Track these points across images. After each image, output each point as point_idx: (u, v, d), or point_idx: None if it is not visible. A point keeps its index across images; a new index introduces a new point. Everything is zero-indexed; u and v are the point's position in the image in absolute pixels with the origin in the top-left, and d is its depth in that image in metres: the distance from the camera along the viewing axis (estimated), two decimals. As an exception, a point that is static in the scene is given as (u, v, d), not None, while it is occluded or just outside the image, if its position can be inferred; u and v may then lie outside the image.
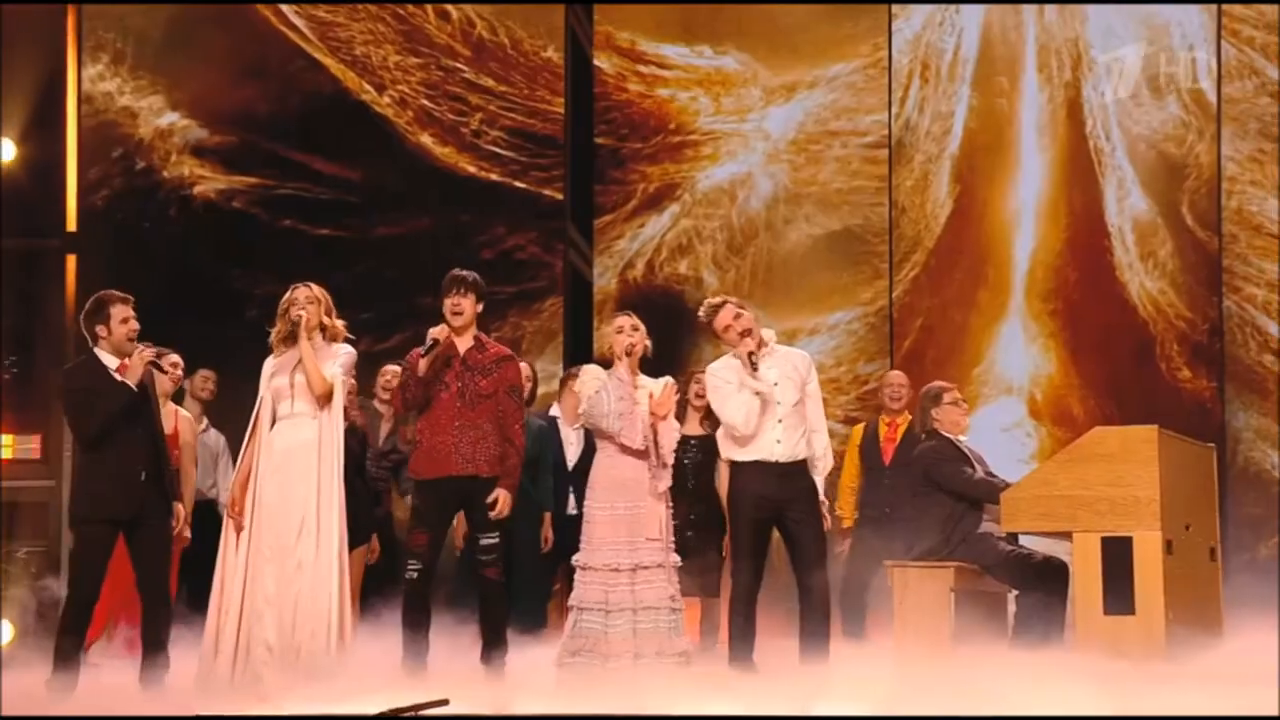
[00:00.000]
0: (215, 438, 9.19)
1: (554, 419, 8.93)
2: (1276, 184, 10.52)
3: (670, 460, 7.07)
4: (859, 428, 9.41)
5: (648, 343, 7.16)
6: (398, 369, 8.77)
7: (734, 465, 7.16)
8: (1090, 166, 10.75)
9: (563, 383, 9.01)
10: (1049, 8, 10.84)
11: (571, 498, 8.69)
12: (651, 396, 6.99)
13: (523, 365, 7.96)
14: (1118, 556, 6.92)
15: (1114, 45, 10.75)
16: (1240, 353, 10.48)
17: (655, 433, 6.96)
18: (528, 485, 8.28)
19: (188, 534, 8.05)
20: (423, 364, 7.06)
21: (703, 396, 8.16)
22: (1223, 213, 10.56)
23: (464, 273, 7.24)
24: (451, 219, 10.90)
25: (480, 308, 7.22)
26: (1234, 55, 10.59)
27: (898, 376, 9.38)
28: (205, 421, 9.16)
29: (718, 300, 7.25)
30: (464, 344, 7.17)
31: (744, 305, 7.20)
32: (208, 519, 8.52)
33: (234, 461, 8.89)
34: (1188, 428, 8.62)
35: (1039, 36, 10.85)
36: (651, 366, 7.31)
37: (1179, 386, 10.52)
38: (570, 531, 8.67)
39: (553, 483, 8.72)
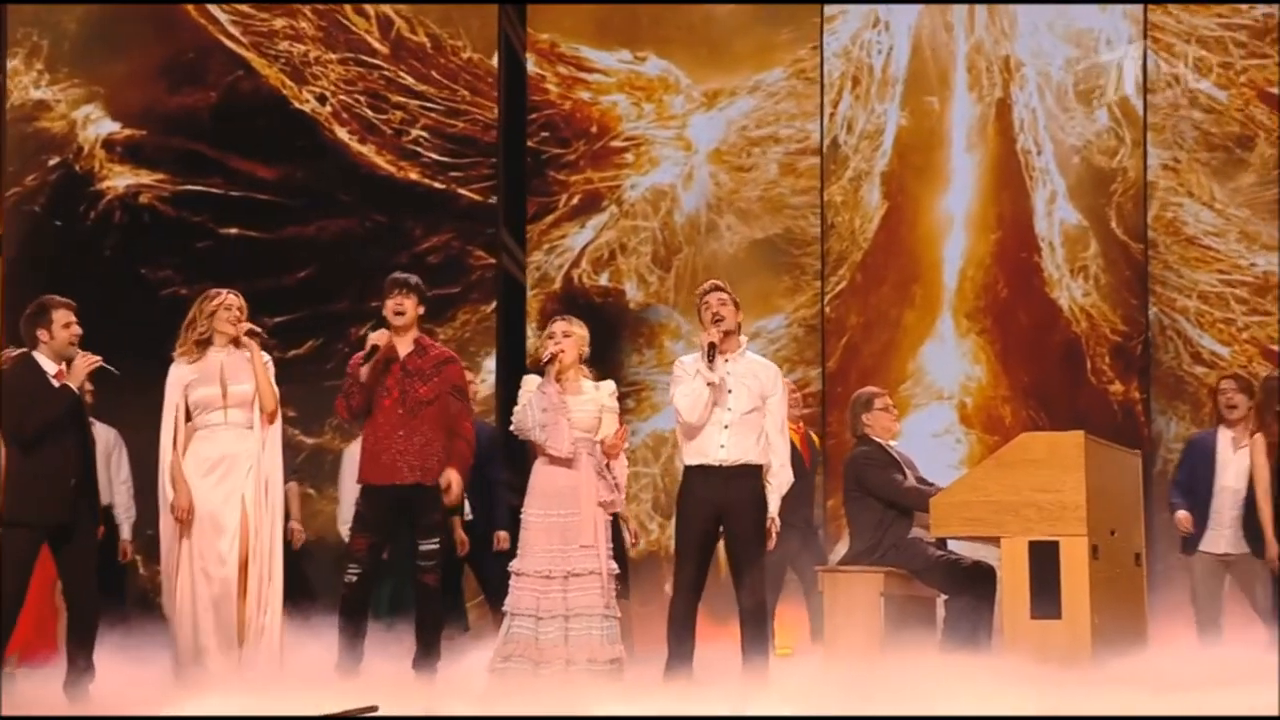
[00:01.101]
0: (105, 431, 8.99)
1: None
2: (1203, 193, 10.65)
3: (623, 485, 7.10)
4: None
5: (584, 349, 7.14)
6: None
7: (685, 471, 7.17)
8: (1019, 176, 10.85)
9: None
10: (979, 19, 10.93)
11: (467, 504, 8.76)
12: (604, 441, 7.00)
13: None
14: (1045, 561, 6.97)
15: (1044, 56, 10.85)
16: (1167, 360, 10.60)
17: (608, 462, 6.99)
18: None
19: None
20: (364, 370, 7.04)
21: None
22: (1149, 222, 10.67)
23: (405, 275, 7.27)
24: (382, 223, 10.85)
25: (421, 310, 7.22)
26: (1160, 66, 10.71)
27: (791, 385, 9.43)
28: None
29: (708, 285, 7.17)
30: (404, 347, 7.17)
31: (731, 297, 7.10)
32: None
33: (127, 461, 8.89)
34: (1115, 434, 8.72)
35: (969, 45, 10.94)
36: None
37: (1106, 394, 10.63)
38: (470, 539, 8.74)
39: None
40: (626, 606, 8.57)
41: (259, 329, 7.21)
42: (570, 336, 7.10)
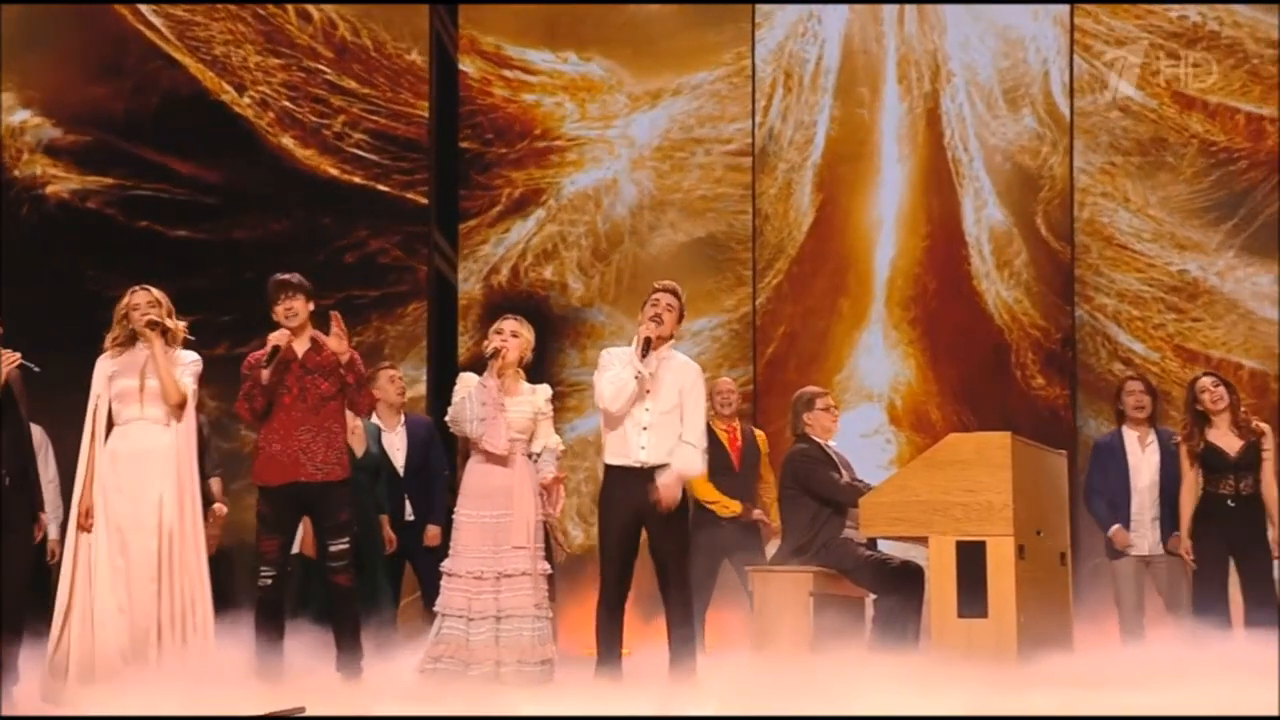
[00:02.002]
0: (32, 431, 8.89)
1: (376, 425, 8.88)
2: (1126, 196, 10.76)
3: (559, 509, 7.15)
4: None
5: (528, 353, 7.14)
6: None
7: (606, 470, 7.18)
8: (949, 177, 10.93)
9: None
10: (909, 22, 11.00)
11: (408, 504, 8.74)
12: (545, 492, 7.02)
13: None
14: (972, 560, 7.04)
15: (972, 59, 10.94)
16: (1092, 361, 10.70)
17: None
18: (367, 488, 8.27)
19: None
20: (265, 373, 6.99)
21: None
22: (1075, 224, 10.77)
23: (287, 276, 7.19)
24: (313, 222, 10.81)
25: (311, 307, 7.17)
26: (1086, 69, 10.82)
27: (726, 383, 9.48)
28: None
29: (667, 285, 7.16)
30: (301, 346, 7.13)
31: (680, 306, 7.11)
32: None
33: (54, 460, 8.79)
34: (1041, 434, 8.79)
35: (899, 48, 11.01)
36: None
37: (1033, 394, 10.72)
38: (407, 537, 8.70)
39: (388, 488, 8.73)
40: (555, 607, 8.59)
41: (159, 320, 7.09)
42: (518, 337, 7.12)
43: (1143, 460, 8.74)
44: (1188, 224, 10.68)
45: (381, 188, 10.89)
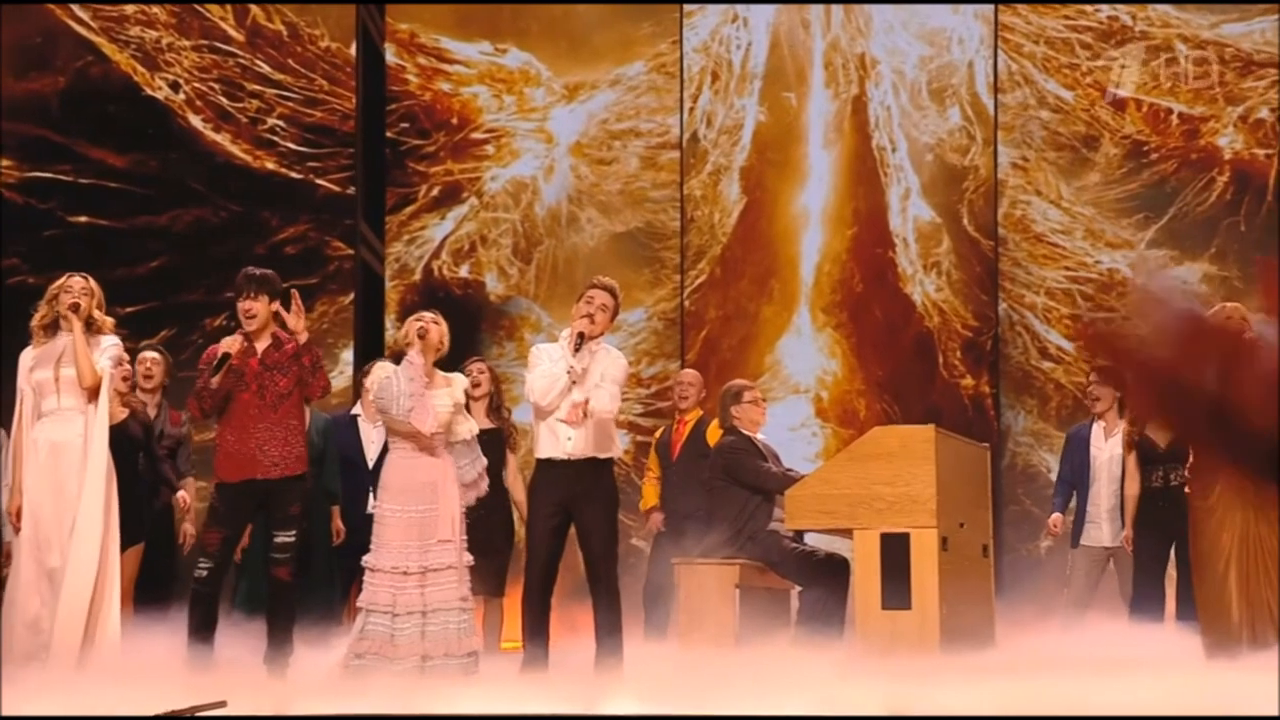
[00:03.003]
0: None
1: (355, 416, 8.85)
2: (1050, 192, 10.86)
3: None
4: (660, 430, 9.52)
5: (444, 344, 7.11)
6: (156, 356, 8.64)
7: (536, 464, 7.17)
8: (875, 173, 10.98)
9: (361, 382, 8.90)
10: (835, 17, 11.04)
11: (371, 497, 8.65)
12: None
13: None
14: (896, 553, 7.08)
15: (898, 55, 10.99)
16: (1015, 356, 10.79)
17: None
18: (316, 478, 8.22)
19: None
20: (214, 381, 6.92)
21: (480, 386, 8.27)
22: (999, 219, 10.86)
23: (255, 272, 7.11)
24: (236, 211, 10.72)
25: (275, 306, 7.09)
26: (1010, 66, 10.90)
27: (686, 375, 9.50)
28: None
29: (605, 283, 7.14)
30: (262, 343, 7.06)
31: (615, 305, 7.09)
32: None
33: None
34: (965, 428, 8.88)
35: (826, 43, 11.05)
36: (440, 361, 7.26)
37: (958, 388, 10.80)
38: (368, 531, 8.63)
39: (345, 479, 8.65)
40: (499, 602, 8.57)
41: (79, 303, 7.01)
42: (439, 324, 7.09)
43: (1103, 451, 8.82)
44: (1106, 218, 10.78)
45: (307, 178, 10.82)
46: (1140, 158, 10.76)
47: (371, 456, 8.70)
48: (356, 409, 8.96)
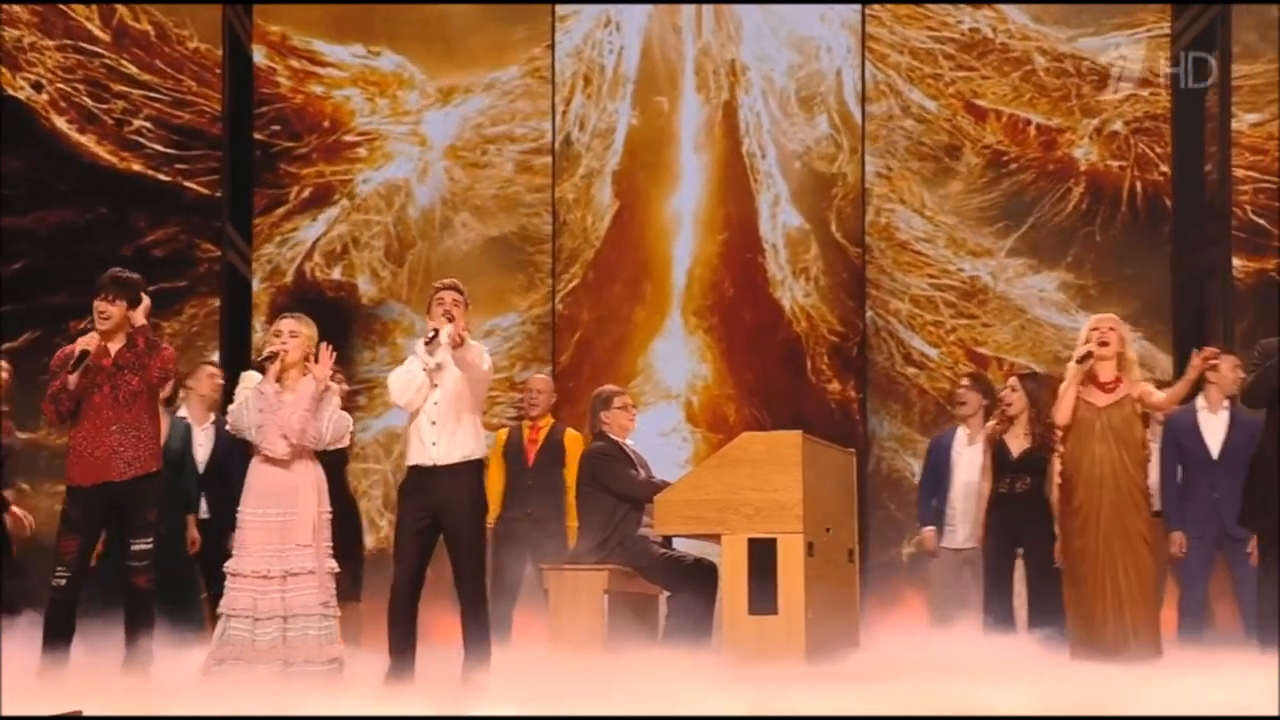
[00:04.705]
0: None
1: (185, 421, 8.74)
2: (914, 200, 11.00)
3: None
4: (502, 432, 9.45)
5: (311, 349, 7.04)
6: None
7: (406, 471, 7.14)
8: (745, 178, 11.05)
9: (182, 384, 8.79)
10: (706, 23, 11.11)
11: (204, 501, 8.63)
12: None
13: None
14: (763, 558, 7.14)
15: (768, 62, 11.07)
16: (882, 362, 10.91)
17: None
18: (172, 485, 8.14)
19: None
20: (72, 379, 6.83)
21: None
22: (866, 227, 10.98)
23: (120, 275, 7.05)
24: (102, 213, 10.56)
25: (134, 312, 6.99)
26: (877, 76, 11.03)
27: (537, 381, 9.51)
28: None
29: (447, 283, 7.11)
30: (115, 345, 6.98)
31: (465, 300, 7.05)
32: None
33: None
34: (832, 433, 8.96)
35: (697, 50, 11.11)
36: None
37: (826, 394, 10.90)
38: (201, 536, 8.57)
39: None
40: (356, 607, 8.53)
41: None
42: (297, 336, 7.03)
43: (963, 456, 8.94)
44: (972, 227, 10.94)
45: (171, 179, 10.68)
46: (1000, 168, 10.94)
47: (201, 460, 8.68)
48: (182, 411, 8.82)
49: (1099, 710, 5.19)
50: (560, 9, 11.05)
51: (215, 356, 10.47)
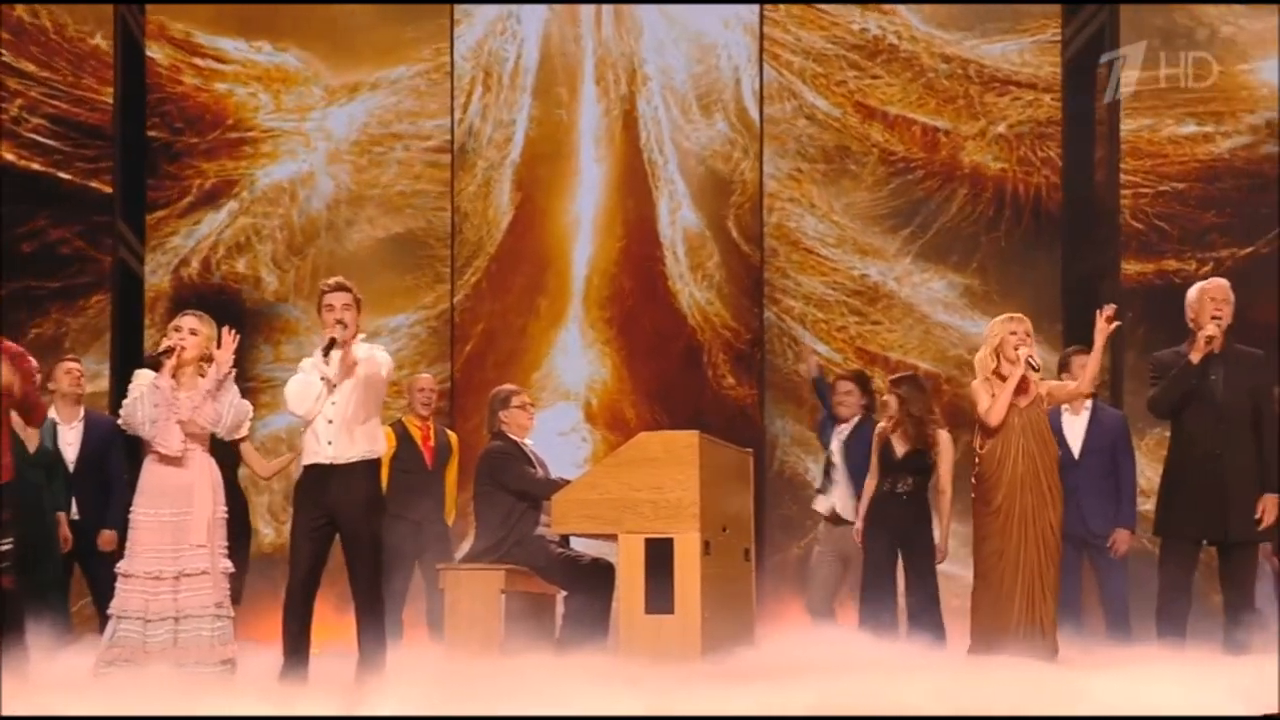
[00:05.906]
0: None
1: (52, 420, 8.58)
2: (814, 203, 11.07)
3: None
4: (388, 430, 9.33)
5: (209, 348, 6.95)
6: None
7: (302, 470, 7.07)
8: (644, 179, 11.08)
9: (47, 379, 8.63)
10: (606, 25, 11.11)
11: (75, 503, 8.52)
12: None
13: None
14: (660, 558, 7.15)
15: (667, 64, 11.09)
16: (779, 362, 10.97)
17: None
18: (43, 484, 8.01)
19: None
20: None
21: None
22: (764, 228, 11.04)
23: None
24: (4, 211, 10.39)
25: None
26: (775, 78, 11.09)
27: (425, 380, 9.45)
28: None
29: (333, 283, 7.04)
30: None
31: (356, 299, 7.00)
32: None
33: None
34: (732, 434, 8.98)
35: (597, 49, 11.12)
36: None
37: (723, 393, 10.95)
38: (74, 537, 8.43)
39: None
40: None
41: None
42: (196, 335, 6.95)
43: (844, 446, 8.98)
44: (869, 230, 11.03)
45: (63, 175, 10.54)
46: (896, 170, 11.03)
47: (70, 458, 8.53)
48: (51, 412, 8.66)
49: (1002, 709, 5.23)
50: (459, 6, 11.01)
51: (105, 355, 10.36)
